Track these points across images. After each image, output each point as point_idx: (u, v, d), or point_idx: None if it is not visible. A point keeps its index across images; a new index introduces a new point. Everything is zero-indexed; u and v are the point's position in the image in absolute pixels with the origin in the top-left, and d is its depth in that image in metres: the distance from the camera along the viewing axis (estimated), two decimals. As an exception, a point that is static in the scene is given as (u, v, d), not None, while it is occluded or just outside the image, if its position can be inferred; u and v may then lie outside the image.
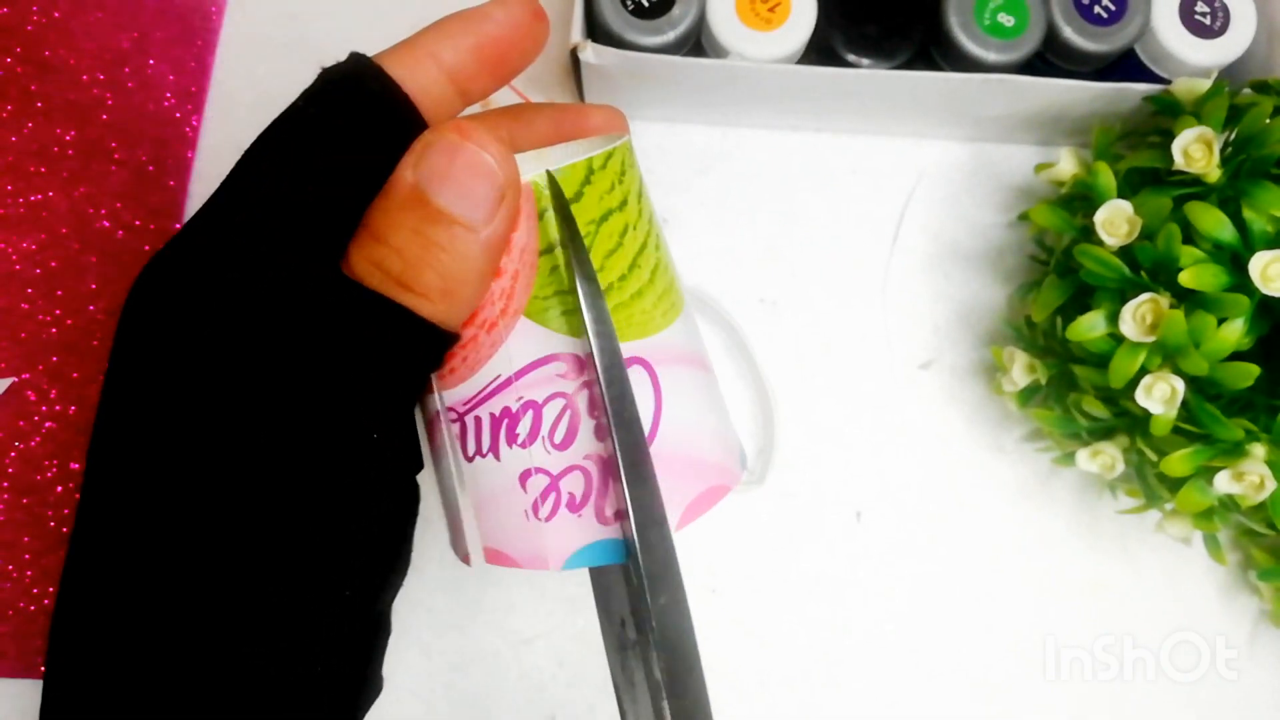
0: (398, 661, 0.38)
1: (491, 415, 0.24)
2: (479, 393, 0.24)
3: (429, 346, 0.22)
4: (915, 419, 0.42)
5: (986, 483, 0.41)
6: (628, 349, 0.24)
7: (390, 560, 0.23)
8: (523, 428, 0.24)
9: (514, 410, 0.23)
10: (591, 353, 0.22)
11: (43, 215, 0.41)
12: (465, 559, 0.25)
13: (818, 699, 0.39)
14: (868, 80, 0.38)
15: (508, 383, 0.23)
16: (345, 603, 0.22)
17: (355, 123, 0.22)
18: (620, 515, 0.23)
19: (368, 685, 0.23)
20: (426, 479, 0.25)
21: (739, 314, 0.41)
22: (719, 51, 0.38)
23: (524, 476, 0.24)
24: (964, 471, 0.41)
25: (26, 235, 0.41)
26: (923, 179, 0.44)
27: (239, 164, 0.22)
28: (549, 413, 0.23)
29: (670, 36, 0.37)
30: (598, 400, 0.23)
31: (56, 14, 0.43)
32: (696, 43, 0.40)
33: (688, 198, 0.43)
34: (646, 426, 0.24)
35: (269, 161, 0.22)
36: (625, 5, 0.37)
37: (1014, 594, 0.40)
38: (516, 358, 0.23)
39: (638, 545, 0.22)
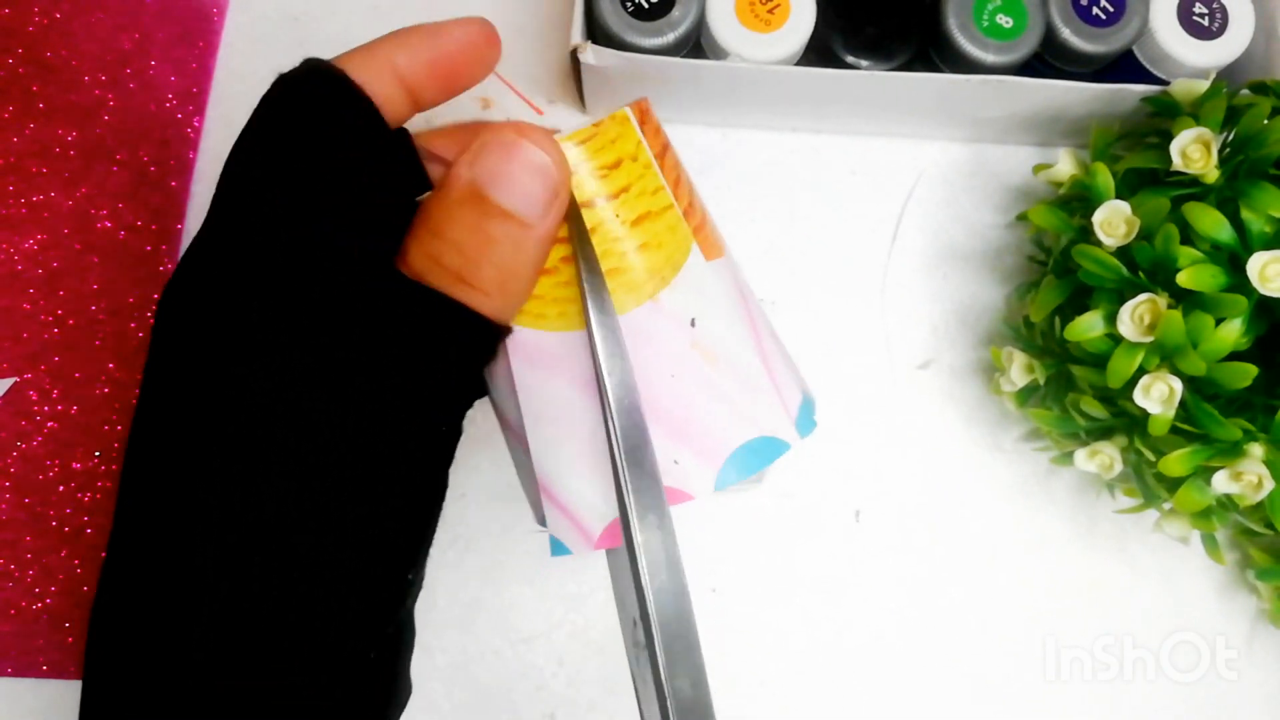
0: (398, 661, 0.38)
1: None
2: None
3: (484, 341, 0.23)
4: (914, 419, 0.42)
5: (985, 482, 0.41)
6: None
7: (412, 563, 0.23)
8: None
9: None
10: (594, 344, 0.23)
11: (44, 216, 0.41)
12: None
13: (817, 698, 0.39)
14: (867, 81, 0.38)
15: None
16: (372, 607, 0.22)
17: (320, 124, 0.23)
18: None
19: (397, 689, 0.24)
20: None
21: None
22: (718, 53, 0.38)
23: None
24: (963, 471, 0.41)
25: (28, 235, 0.41)
26: (921, 180, 0.44)
27: (225, 176, 0.22)
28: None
29: (670, 38, 0.37)
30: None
31: (58, 15, 0.43)
32: (696, 44, 0.40)
33: (687, 198, 0.43)
34: None
35: (260, 167, 0.22)
36: (625, 7, 0.37)
37: (1013, 594, 0.40)
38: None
39: (637, 531, 0.22)
